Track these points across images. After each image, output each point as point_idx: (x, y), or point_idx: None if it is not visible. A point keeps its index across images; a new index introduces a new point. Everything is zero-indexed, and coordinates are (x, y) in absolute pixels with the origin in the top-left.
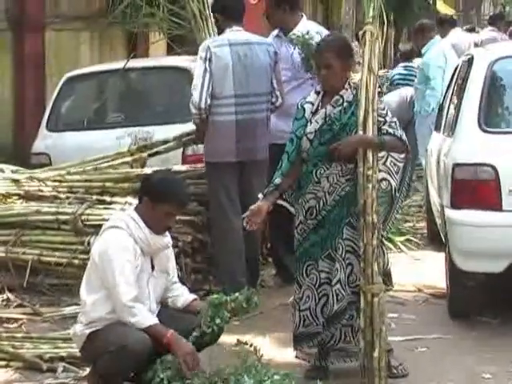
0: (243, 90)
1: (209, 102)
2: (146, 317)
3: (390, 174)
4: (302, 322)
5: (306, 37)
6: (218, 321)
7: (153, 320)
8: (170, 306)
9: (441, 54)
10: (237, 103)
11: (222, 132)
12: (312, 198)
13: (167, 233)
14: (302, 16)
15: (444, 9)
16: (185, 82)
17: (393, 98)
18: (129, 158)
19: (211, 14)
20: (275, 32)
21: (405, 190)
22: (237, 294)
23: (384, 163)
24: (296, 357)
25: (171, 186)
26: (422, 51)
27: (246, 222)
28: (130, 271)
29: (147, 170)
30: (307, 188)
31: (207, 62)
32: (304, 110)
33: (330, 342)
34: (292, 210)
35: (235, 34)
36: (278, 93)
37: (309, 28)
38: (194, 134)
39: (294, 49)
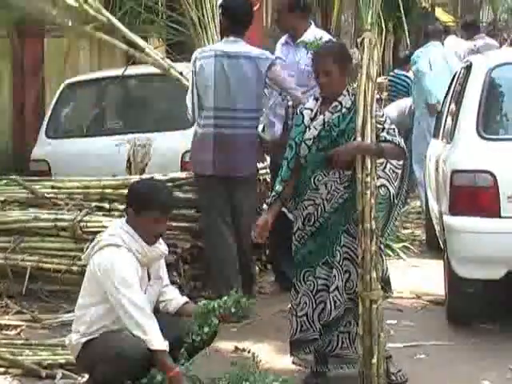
0: (224, 103)
1: (198, 114)
2: (157, 338)
3: (388, 181)
4: (299, 327)
5: (320, 42)
6: (206, 329)
7: (163, 345)
8: (161, 310)
9: (426, 60)
10: (216, 116)
11: (202, 144)
12: (310, 205)
13: (162, 241)
14: (311, 23)
15: (443, 16)
16: (184, 88)
17: (392, 109)
18: None
19: (209, 21)
20: (283, 39)
21: (403, 196)
22: (225, 298)
23: (383, 170)
24: (293, 363)
25: (150, 192)
26: (412, 57)
27: (254, 237)
28: (138, 289)
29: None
30: (306, 195)
31: (193, 75)
32: (303, 116)
33: (327, 349)
34: (291, 216)
35: (227, 44)
36: (288, 94)
37: (317, 34)
38: None
39: (307, 54)
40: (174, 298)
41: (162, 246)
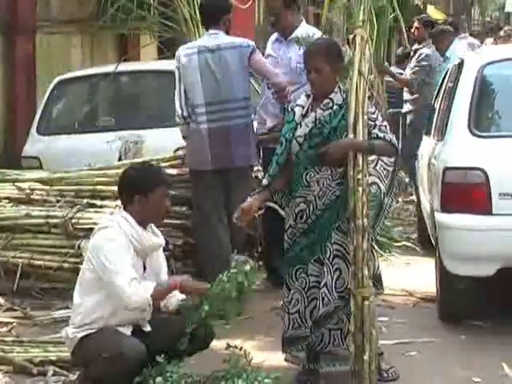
0: (213, 97)
1: (187, 109)
2: (145, 288)
3: (379, 178)
4: (291, 325)
5: (312, 39)
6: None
7: (151, 285)
8: (162, 309)
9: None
10: (208, 111)
11: (197, 140)
12: (302, 202)
13: (160, 234)
14: (302, 20)
15: (435, 14)
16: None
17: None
18: None
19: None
20: (274, 36)
21: (393, 194)
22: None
23: (374, 167)
24: (285, 360)
25: (149, 171)
26: (447, 54)
27: (235, 219)
28: (124, 259)
29: None
30: (297, 192)
31: (178, 72)
32: (294, 113)
33: (319, 346)
34: (282, 213)
35: (208, 39)
36: (268, 81)
37: (309, 31)
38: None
39: (299, 50)
40: (174, 296)
41: (159, 239)
